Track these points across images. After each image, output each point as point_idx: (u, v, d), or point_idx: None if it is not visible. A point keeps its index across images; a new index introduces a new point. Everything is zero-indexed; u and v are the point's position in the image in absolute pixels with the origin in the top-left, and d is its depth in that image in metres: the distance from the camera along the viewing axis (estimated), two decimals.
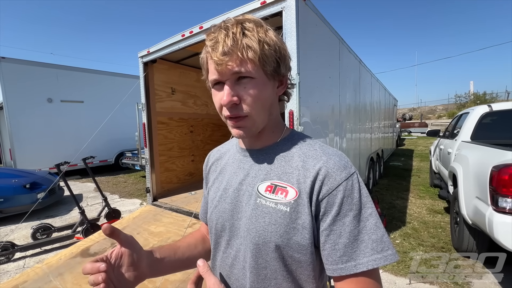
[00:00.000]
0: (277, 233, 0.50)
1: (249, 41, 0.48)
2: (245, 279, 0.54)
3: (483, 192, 2.03)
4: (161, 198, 3.45)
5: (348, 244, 0.47)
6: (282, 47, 0.53)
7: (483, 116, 3.18)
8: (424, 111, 33.58)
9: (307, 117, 2.11)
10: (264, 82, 0.52)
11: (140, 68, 3.30)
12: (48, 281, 1.93)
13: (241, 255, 0.56)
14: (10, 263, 2.85)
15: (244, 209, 0.56)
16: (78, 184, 6.64)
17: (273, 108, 0.57)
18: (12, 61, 6.29)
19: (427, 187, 5.28)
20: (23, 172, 4.84)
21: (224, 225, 0.59)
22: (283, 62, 0.53)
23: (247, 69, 0.49)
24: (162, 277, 1.82)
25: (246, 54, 0.48)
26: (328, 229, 0.48)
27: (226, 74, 0.49)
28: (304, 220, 0.49)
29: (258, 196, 0.54)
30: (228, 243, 0.59)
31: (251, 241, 0.53)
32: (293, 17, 1.87)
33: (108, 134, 7.36)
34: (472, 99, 28.97)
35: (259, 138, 0.59)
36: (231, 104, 0.50)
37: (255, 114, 0.52)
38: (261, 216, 0.52)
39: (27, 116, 6.46)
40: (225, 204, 0.60)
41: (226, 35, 0.48)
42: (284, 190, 0.52)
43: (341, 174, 0.50)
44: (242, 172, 0.60)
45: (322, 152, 0.54)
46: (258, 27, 0.50)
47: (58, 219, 4.22)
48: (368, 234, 0.47)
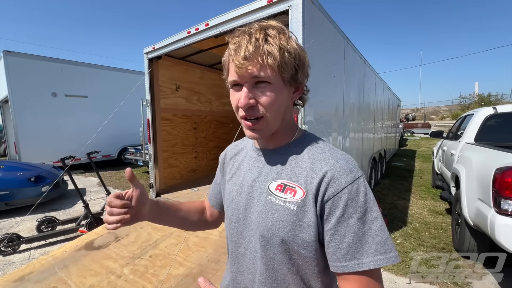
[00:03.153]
0: (284, 229, 0.54)
1: (270, 47, 0.50)
2: (256, 268, 0.60)
3: (485, 194, 2.03)
4: (164, 193, 3.48)
5: (352, 244, 0.49)
6: (302, 55, 0.55)
7: (487, 118, 3.17)
8: (427, 112, 33.35)
9: (311, 116, 2.12)
10: (280, 87, 0.54)
11: (145, 64, 3.32)
12: (53, 272, 1.97)
13: (252, 246, 0.60)
14: (15, 255, 2.91)
15: (256, 204, 0.60)
16: (82, 179, 6.70)
17: (287, 112, 0.60)
18: (18, 55, 6.33)
19: (429, 188, 5.27)
20: (28, 165, 4.89)
21: (238, 217, 0.64)
22: (301, 70, 0.56)
23: (266, 74, 0.51)
24: (166, 272, 1.85)
25: (266, 60, 0.50)
26: (333, 229, 0.51)
27: (245, 77, 0.52)
28: (309, 219, 0.52)
29: (269, 193, 0.58)
30: (241, 234, 0.64)
31: (260, 234, 0.57)
32: (299, 15, 1.87)
33: (112, 129, 7.40)
34: (477, 101, 28.70)
35: (272, 139, 0.62)
36: (248, 106, 0.53)
37: (269, 117, 0.55)
38: (270, 212, 0.56)
39: (31, 110, 6.52)
40: (240, 199, 0.64)
41: (249, 40, 0.51)
42: (293, 190, 0.55)
43: (347, 177, 0.52)
44: (256, 170, 0.64)
45: (330, 155, 0.56)
46: (281, 34, 0.52)
47: (62, 212, 4.28)
48: (373, 236, 0.49)
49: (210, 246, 2.14)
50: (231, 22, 2.31)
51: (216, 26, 2.44)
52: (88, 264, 2.04)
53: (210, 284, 0.57)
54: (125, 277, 1.84)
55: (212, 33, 2.49)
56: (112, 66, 8.11)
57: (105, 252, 2.19)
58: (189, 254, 2.06)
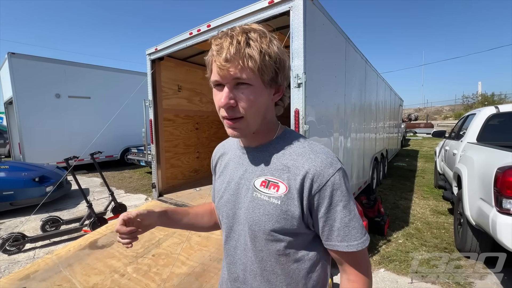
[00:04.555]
0: (270, 222, 0.59)
1: (251, 51, 0.52)
2: (247, 259, 0.64)
3: (487, 193, 2.03)
4: (166, 193, 3.51)
5: (341, 228, 0.57)
6: (283, 58, 0.58)
7: (489, 117, 3.16)
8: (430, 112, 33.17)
9: (312, 116, 2.13)
10: (260, 89, 0.57)
11: (147, 65, 3.35)
12: (58, 271, 2.00)
13: (242, 239, 0.65)
14: (20, 254, 2.94)
15: (243, 201, 0.64)
16: (85, 179, 6.75)
17: (268, 112, 0.62)
18: (22, 57, 6.40)
19: (431, 188, 5.26)
20: (32, 166, 4.94)
21: (228, 213, 0.68)
22: (281, 73, 0.58)
23: (246, 76, 0.53)
24: (168, 270, 1.87)
25: (247, 63, 0.52)
26: (324, 217, 0.58)
27: (226, 78, 0.54)
28: (293, 211, 0.57)
29: (254, 190, 0.62)
30: (231, 229, 0.68)
31: (249, 228, 0.62)
32: (300, 16, 1.88)
33: (114, 130, 7.44)
34: (480, 100, 28.50)
35: (254, 138, 0.66)
36: (228, 106, 0.55)
37: (249, 117, 0.57)
38: (256, 208, 0.61)
39: (35, 111, 6.58)
40: (228, 196, 0.68)
41: (230, 43, 0.52)
42: (276, 185, 0.60)
43: (328, 170, 0.57)
44: (241, 168, 0.68)
45: (310, 150, 0.60)
46: (262, 38, 0.54)
47: (66, 212, 4.32)
48: (358, 222, 0.58)
49: (212, 245, 2.16)
50: (233, 23, 2.33)
51: (217, 27, 2.46)
52: (92, 263, 2.06)
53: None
54: (129, 276, 1.86)
55: (214, 34, 2.51)
56: (115, 67, 8.16)
57: (109, 251, 2.22)
58: (191, 253, 2.07)
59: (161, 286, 1.72)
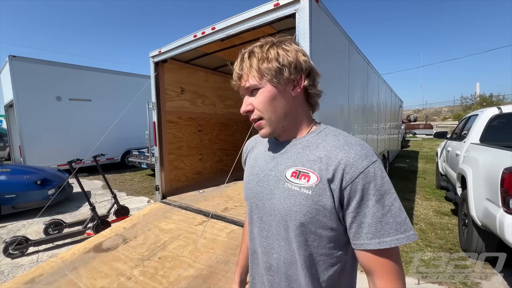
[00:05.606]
0: (301, 212, 0.59)
1: (250, 62, 0.62)
2: (280, 248, 0.65)
3: (493, 194, 2.03)
4: (169, 196, 3.50)
5: (372, 223, 0.53)
6: (285, 55, 0.62)
7: (492, 118, 3.17)
8: (429, 113, 33.27)
9: (317, 118, 2.12)
10: (270, 88, 0.62)
11: (151, 68, 3.35)
12: (63, 274, 1.98)
13: (274, 229, 0.66)
14: (24, 257, 2.92)
15: (274, 192, 0.65)
16: (86, 181, 6.72)
17: (292, 110, 0.66)
18: (23, 60, 6.39)
19: (433, 189, 5.26)
20: (34, 169, 4.92)
21: (257, 204, 0.70)
22: (287, 67, 0.61)
23: (252, 83, 0.63)
24: (175, 273, 1.86)
25: (249, 72, 0.63)
26: (354, 212, 0.55)
27: (242, 90, 0.67)
28: (325, 202, 0.57)
29: (286, 180, 0.63)
30: (261, 219, 0.69)
31: (281, 218, 0.63)
32: (306, 19, 1.89)
33: (115, 132, 7.41)
34: (478, 101, 28.63)
35: (286, 134, 0.68)
36: (246, 112, 0.66)
37: (267, 116, 0.64)
38: (287, 198, 0.61)
39: (36, 114, 6.56)
40: (258, 187, 0.70)
41: (237, 62, 0.65)
42: (307, 176, 0.60)
43: (362, 162, 0.55)
44: (273, 160, 0.69)
45: (344, 142, 0.60)
46: (261, 48, 0.63)
47: (68, 215, 4.29)
48: (393, 217, 0.53)
49: (219, 248, 2.15)
50: (238, 25, 2.33)
51: (222, 30, 2.47)
52: (97, 266, 2.05)
53: None
54: (135, 279, 1.85)
55: (218, 36, 2.52)
56: (115, 70, 8.17)
57: (114, 254, 2.21)
58: (198, 255, 2.06)
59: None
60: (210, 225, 2.53)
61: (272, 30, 2.74)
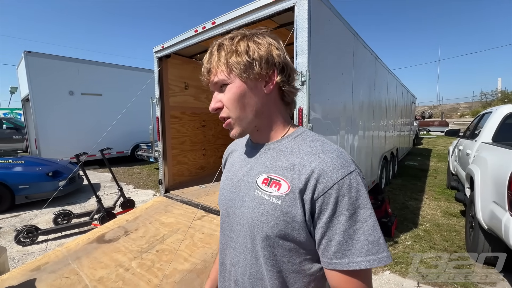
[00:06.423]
0: (268, 224, 0.54)
1: (219, 55, 0.58)
2: (246, 262, 0.60)
3: (500, 196, 1.94)
4: (172, 190, 3.55)
5: (343, 242, 0.48)
6: (256, 48, 0.57)
7: (507, 116, 3.01)
8: (445, 109, 32.03)
9: (317, 114, 2.09)
10: (238, 85, 0.58)
11: (154, 63, 3.38)
12: (67, 263, 2.07)
13: (241, 240, 0.61)
14: (34, 245, 3.07)
15: (244, 199, 0.61)
16: (96, 174, 6.95)
17: (265, 108, 0.61)
18: (38, 55, 6.61)
19: (444, 189, 5.09)
20: (46, 161, 5.13)
21: (228, 212, 0.66)
22: (257, 62, 0.56)
23: (220, 78, 0.58)
24: (170, 266, 1.90)
25: (217, 66, 0.58)
26: (325, 227, 0.50)
27: (211, 86, 0.61)
28: (294, 214, 0.52)
29: (256, 187, 0.59)
30: (231, 228, 0.65)
31: (248, 229, 0.58)
32: (305, 12, 1.84)
33: (125, 126, 7.61)
34: (500, 97, 27.21)
35: (261, 136, 0.64)
36: (216, 110, 0.61)
37: (234, 114, 0.59)
38: (256, 207, 0.57)
39: (50, 108, 6.81)
40: (230, 193, 0.66)
41: (206, 56, 0.60)
42: (278, 184, 0.55)
43: (338, 172, 0.50)
44: (247, 165, 0.65)
45: (321, 149, 0.55)
46: (231, 40, 0.58)
47: (78, 206, 4.47)
48: (365, 235, 0.48)
49: (215, 243, 2.17)
50: (237, 20, 2.30)
51: (222, 24, 2.44)
52: (99, 257, 2.12)
53: None
54: (133, 271, 1.91)
55: (219, 31, 2.50)
56: (125, 65, 8.31)
57: (115, 246, 2.28)
58: (194, 250, 2.09)
59: (163, 282, 1.75)
60: (209, 220, 2.56)
61: (274, 24, 2.69)
